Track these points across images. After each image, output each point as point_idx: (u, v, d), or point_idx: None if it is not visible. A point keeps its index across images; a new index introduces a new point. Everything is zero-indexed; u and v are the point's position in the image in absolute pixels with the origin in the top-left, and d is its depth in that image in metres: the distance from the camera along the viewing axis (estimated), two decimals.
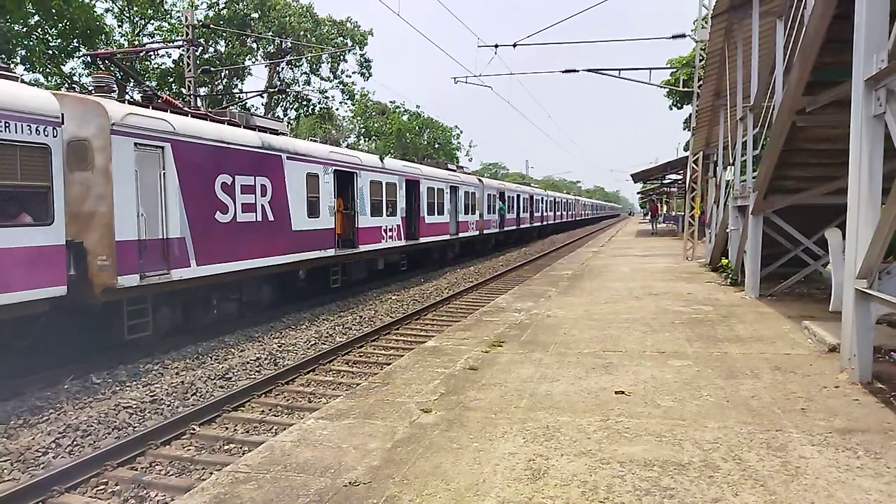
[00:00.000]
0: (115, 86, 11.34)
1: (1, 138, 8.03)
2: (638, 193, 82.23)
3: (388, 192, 19.38)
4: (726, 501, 3.64)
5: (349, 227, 17.42)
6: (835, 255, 9.21)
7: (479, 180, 31.47)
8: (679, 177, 37.62)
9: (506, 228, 35.33)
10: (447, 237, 25.31)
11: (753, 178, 11.17)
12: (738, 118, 13.00)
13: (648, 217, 48.75)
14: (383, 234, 19.09)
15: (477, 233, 29.75)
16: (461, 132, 63.73)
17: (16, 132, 8.20)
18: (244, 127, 13.51)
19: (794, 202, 10.56)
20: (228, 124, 12.97)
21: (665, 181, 44.13)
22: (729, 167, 15.36)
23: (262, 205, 13.28)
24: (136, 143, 10.12)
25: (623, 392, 5.73)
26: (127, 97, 11.72)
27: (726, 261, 13.89)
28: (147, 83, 18.79)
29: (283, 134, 15.07)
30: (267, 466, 4.26)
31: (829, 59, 7.88)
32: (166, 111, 11.39)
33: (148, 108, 11.05)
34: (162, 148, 10.68)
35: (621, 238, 36.18)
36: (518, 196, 38.90)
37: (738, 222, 12.81)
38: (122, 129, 9.89)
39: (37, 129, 8.47)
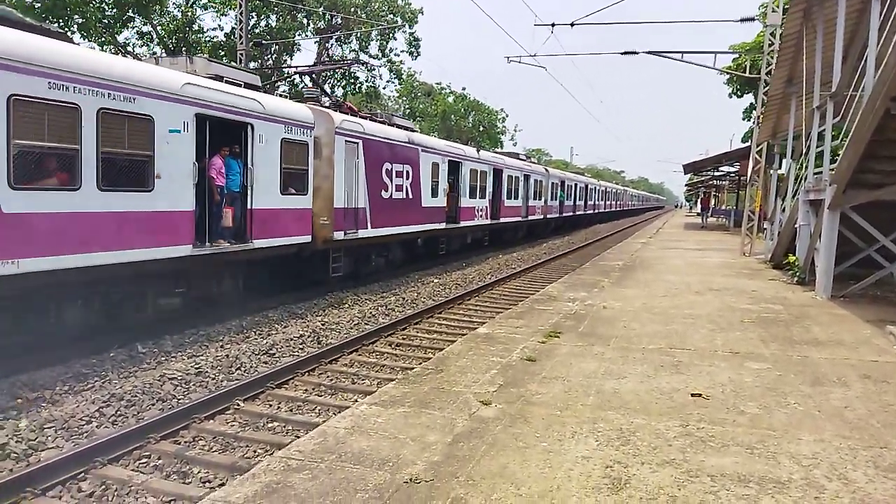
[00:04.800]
0: (322, 96, 15.31)
1: (290, 138, 12.12)
2: (685, 186, 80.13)
3: (480, 179, 22.99)
4: None
5: (453, 206, 20.89)
6: None
7: (546, 170, 34.16)
8: (733, 169, 36.27)
9: (564, 214, 37.96)
10: (519, 219, 28.61)
11: (831, 170, 10.42)
12: (815, 106, 12.16)
13: (699, 210, 47.35)
14: (476, 213, 22.77)
15: (542, 217, 32.61)
16: (507, 116, 62.71)
17: (296, 134, 12.28)
18: (389, 125, 17.05)
19: (877, 197, 9.81)
20: (381, 123, 16.60)
21: (717, 173, 42.64)
22: (800, 158, 14.50)
23: (406, 186, 17.12)
24: (346, 140, 13.90)
25: (700, 395, 5.26)
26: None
27: (793, 258, 13.11)
28: (199, 54, 18.74)
29: (415, 131, 19.12)
30: (321, 454, 3.95)
31: None
32: (356, 115, 15.24)
33: (347, 114, 14.66)
34: (357, 143, 14.39)
35: (669, 230, 35.15)
36: (575, 185, 41.63)
37: (809, 217, 12.04)
38: (340, 130, 13.70)
39: (303, 132, 12.50)
